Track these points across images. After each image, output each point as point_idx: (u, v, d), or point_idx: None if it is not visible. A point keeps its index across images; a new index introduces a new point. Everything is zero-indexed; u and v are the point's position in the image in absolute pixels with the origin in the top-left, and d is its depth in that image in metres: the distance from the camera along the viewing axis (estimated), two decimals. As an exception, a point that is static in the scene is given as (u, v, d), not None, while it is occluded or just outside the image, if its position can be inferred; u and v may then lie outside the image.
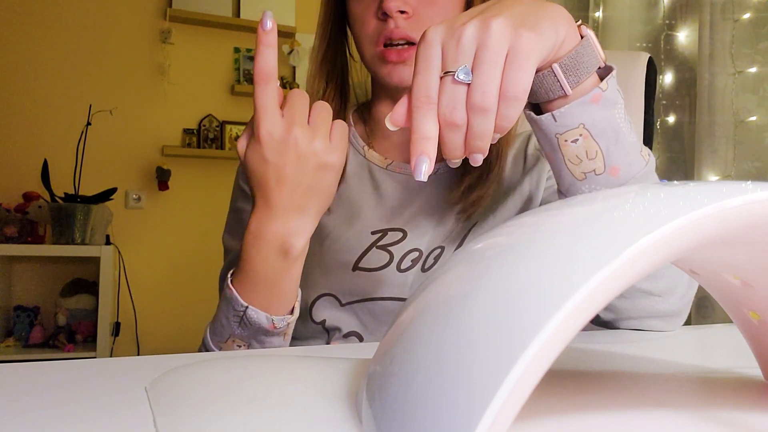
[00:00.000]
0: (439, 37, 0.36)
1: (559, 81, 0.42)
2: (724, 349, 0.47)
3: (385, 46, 0.60)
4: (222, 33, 2.72)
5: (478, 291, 0.20)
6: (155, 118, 2.60)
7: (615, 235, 0.18)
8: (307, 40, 2.82)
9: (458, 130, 0.36)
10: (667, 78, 1.52)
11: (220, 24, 2.69)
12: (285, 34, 2.79)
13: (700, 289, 0.42)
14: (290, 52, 2.79)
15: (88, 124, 2.33)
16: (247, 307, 0.51)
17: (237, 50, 2.75)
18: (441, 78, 0.36)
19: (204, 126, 2.67)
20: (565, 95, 0.42)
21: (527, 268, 0.19)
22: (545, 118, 0.44)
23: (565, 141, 0.44)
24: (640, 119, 0.78)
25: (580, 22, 0.43)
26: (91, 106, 2.35)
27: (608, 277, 0.17)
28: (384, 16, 0.59)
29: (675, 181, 0.22)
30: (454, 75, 0.35)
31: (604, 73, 0.44)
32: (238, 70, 2.74)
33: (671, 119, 1.51)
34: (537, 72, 0.42)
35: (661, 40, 1.53)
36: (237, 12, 2.73)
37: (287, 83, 2.80)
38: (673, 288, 0.53)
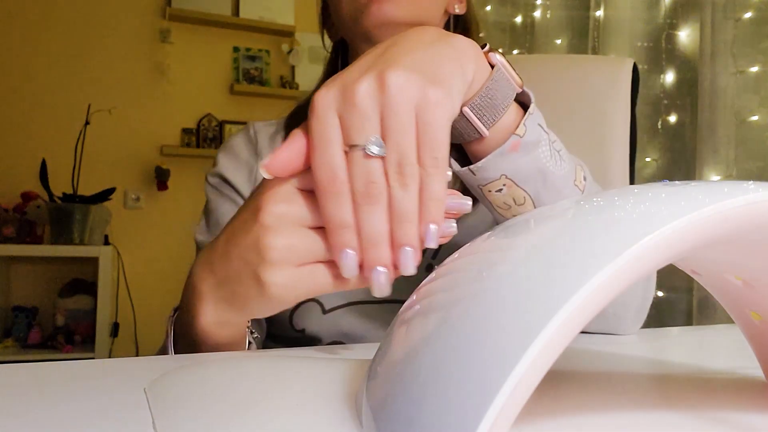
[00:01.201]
0: (332, 105, 0.31)
1: (473, 124, 0.38)
2: (726, 350, 0.47)
3: None
4: (221, 32, 2.72)
5: (479, 291, 0.20)
6: (154, 117, 2.60)
7: (616, 235, 0.18)
8: (307, 40, 2.82)
9: (379, 209, 0.30)
10: (669, 77, 1.52)
11: (219, 23, 2.69)
12: (284, 33, 2.79)
13: (702, 289, 0.42)
14: (290, 52, 2.79)
15: (87, 123, 2.33)
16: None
17: (236, 49, 2.75)
18: (346, 152, 0.31)
19: (203, 125, 2.67)
20: (483, 137, 0.39)
21: (529, 268, 0.19)
22: (464, 172, 0.41)
23: (489, 191, 0.42)
24: (627, 125, 0.80)
25: (487, 47, 0.38)
26: (89, 105, 2.35)
27: (609, 277, 0.17)
28: None
29: (676, 181, 0.22)
30: (364, 149, 0.30)
31: (524, 97, 0.41)
32: (237, 69, 2.74)
33: (672, 119, 1.51)
34: None
35: (662, 40, 1.53)
36: (236, 11, 2.73)
37: (286, 83, 2.80)
38: (627, 306, 0.53)
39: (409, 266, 0.31)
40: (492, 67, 0.38)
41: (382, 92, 0.30)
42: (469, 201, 0.33)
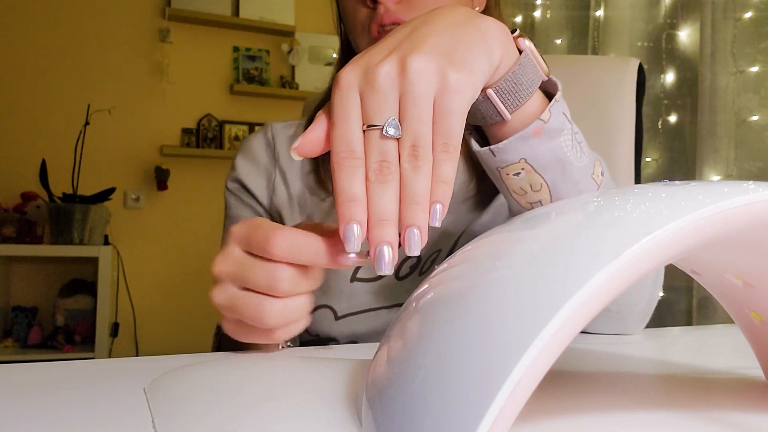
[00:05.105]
0: (354, 82, 0.32)
1: (495, 107, 0.38)
2: (726, 350, 0.47)
3: (378, 33, 0.57)
4: (221, 32, 2.72)
5: (479, 291, 0.20)
6: (154, 117, 2.60)
7: (616, 235, 0.18)
8: (307, 39, 2.82)
9: (390, 187, 0.31)
10: (669, 77, 1.52)
11: (219, 23, 2.68)
12: (284, 33, 2.79)
13: (702, 289, 0.42)
14: (289, 51, 2.78)
15: (87, 123, 2.32)
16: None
17: (236, 49, 2.75)
18: (364, 131, 0.32)
19: (203, 125, 2.67)
20: (505, 120, 0.39)
21: (529, 268, 0.19)
22: (484, 152, 0.41)
23: (507, 174, 0.42)
24: (632, 125, 0.80)
25: (517, 32, 0.39)
26: (89, 105, 2.35)
27: (609, 277, 0.17)
28: (373, 3, 0.56)
29: (677, 181, 0.22)
30: (381, 129, 0.31)
31: (550, 86, 0.41)
32: (237, 69, 2.74)
33: (672, 119, 1.51)
34: None
35: (662, 39, 1.53)
36: (236, 11, 2.73)
37: (286, 82, 2.80)
38: (632, 306, 0.53)
39: (415, 247, 0.31)
40: (520, 52, 0.38)
41: (403, 77, 0.31)
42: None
